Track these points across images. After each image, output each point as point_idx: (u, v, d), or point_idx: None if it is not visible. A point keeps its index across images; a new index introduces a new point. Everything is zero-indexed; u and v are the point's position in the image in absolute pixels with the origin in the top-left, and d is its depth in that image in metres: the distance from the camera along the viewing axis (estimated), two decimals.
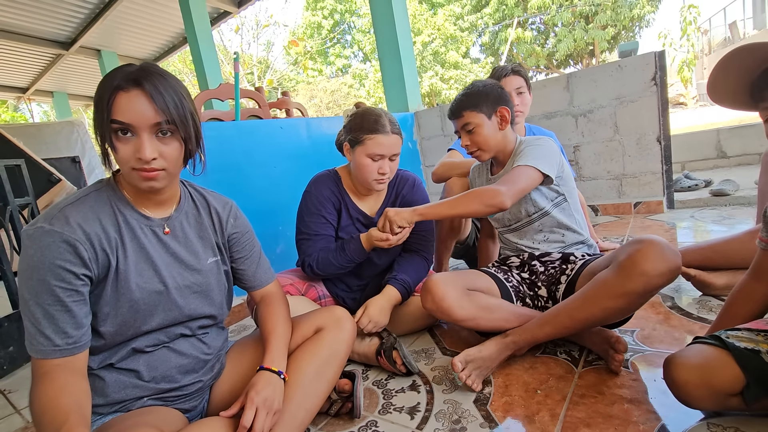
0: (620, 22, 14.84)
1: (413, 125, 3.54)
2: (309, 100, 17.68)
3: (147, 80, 0.75)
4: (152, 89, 0.75)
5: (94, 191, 0.83)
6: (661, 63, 2.46)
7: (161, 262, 0.86)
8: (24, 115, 14.88)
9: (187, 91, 0.83)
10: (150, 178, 0.78)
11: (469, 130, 1.35)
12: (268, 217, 2.24)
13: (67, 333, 0.74)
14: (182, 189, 0.95)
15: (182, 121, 0.79)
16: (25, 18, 5.48)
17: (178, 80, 0.82)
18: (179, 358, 0.90)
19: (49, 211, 0.76)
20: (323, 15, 18.95)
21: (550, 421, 0.96)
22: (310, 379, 0.96)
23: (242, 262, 1.04)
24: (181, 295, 0.89)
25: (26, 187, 2.01)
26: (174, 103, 0.77)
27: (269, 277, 1.10)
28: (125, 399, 0.84)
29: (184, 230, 0.92)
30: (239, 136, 2.15)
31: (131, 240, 0.83)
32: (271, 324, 1.00)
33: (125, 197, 0.85)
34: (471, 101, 1.34)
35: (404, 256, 1.51)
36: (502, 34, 16.63)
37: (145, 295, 0.83)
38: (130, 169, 0.77)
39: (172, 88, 0.78)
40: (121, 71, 0.76)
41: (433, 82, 16.95)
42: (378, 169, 1.36)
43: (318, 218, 1.43)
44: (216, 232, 0.98)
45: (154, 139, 0.77)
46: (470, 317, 1.19)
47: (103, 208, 0.82)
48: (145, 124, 0.75)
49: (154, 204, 0.88)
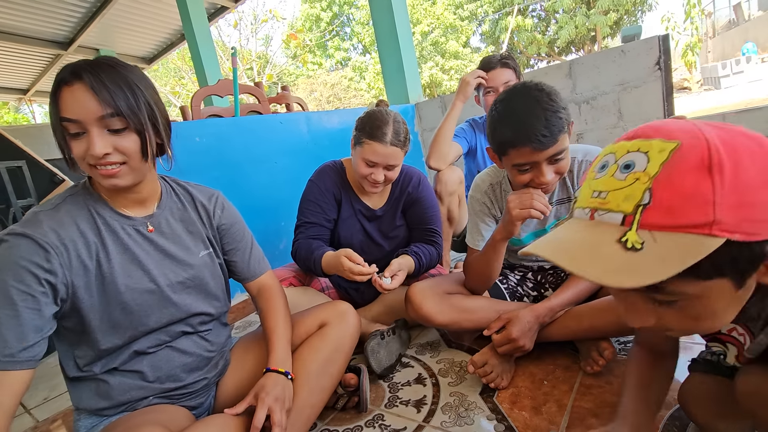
0: (622, 6, 14.64)
1: (414, 117, 3.52)
2: (309, 93, 17.63)
3: (89, 72, 0.71)
4: (93, 81, 0.70)
5: (70, 196, 0.81)
6: (665, 47, 2.42)
7: (150, 260, 0.85)
8: (26, 116, 14.92)
9: (146, 81, 0.79)
10: (110, 175, 0.75)
11: (558, 158, 0.98)
12: (270, 213, 2.24)
13: (6, 341, 0.67)
14: (163, 185, 0.93)
15: (132, 112, 0.74)
16: (23, 19, 5.46)
17: (135, 70, 0.78)
18: (183, 356, 0.89)
19: (24, 217, 0.75)
20: (321, 7, 18.78)
21: (557, 412, 0.96)
22: (316, 375, 0.96)
23: (234, 254, 1.02)
24: (174, 291, 0.87)
25: (28, 189, 2.02)
26: (123, 94, 0.72)
27: (263, 267, 1.07)
28: (131, 400, 0.84)
29: (170, 226, 0.90)
30: (239, 132, 2.14)
31: (114, 242, 0.81)
32: (272, 321, 0.98)
33: (102, 198, 0.82)
34: (563, 119, 0.95)
35: (415, 243, 1.49)
36: (502, 22, 16.47)
37: (136, 295, 0.81)
38: (89, 166, 0.74)
39: (122, 79, 0.73)
40: (68, 65, 0.72)
41: (434, 73, 16.82)
42: (370, 175, 1.32)
43: (314, 207, 1.43)
44: (205, 225, 0.96)
45: (105, 133, 0.73)
46: (452, 321, 1.21)
47: (80, 212, 0.79)
48: (90, 118, 0.71)
49: (133, 203, 0.85)
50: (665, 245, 0.40)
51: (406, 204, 1.50)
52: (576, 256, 0.45)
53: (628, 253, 0.41)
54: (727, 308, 0.48)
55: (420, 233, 1.50)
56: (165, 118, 0.83)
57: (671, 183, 0.41)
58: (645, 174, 0.43)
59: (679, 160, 0.41)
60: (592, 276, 0.42)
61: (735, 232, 0.39)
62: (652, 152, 0.43)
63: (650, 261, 0.40)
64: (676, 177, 0.41)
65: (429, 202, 1.51)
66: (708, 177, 0.40)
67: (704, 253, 0.39)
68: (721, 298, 0.46)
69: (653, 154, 0.43)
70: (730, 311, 0.48)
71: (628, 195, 0.43)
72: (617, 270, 0.41)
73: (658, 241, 0.40)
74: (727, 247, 0.39)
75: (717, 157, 0.40)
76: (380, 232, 1.51)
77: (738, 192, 0.39)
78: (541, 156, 0.96)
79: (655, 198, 0.41)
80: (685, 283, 0.43)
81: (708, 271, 0.41)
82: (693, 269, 0.40)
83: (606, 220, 0.45)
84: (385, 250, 1.51)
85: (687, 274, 0.40)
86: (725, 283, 0.44)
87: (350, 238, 1.47)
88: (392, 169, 1.34)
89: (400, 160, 1.35)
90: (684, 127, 0.44)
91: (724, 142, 0.41)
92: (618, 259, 0.42)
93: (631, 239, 0.42)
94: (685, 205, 0.40)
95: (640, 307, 0.50)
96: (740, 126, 0.44)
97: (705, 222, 0.39)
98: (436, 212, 1.53)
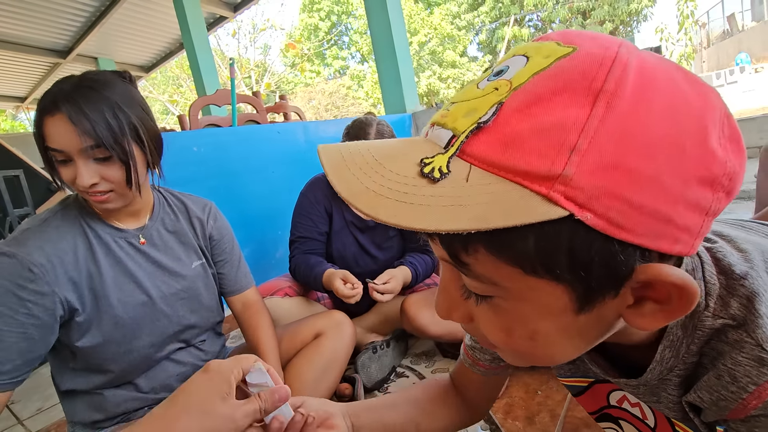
0: (618, 17, 14.84)
1: (411, 126, 3.54)
2: (307, 102, 17.71)
3: (69, 101, 0.68)
4: (72, 111, 0.68)
5: (60, 210, 0.80)
6: None
7: (142, 273, 0.84)
8: (23, 124, 14.93)
9: (132, 99, 0.76)
10: (100, 201, 0.75)
11: None
12: (267, 222, 2.24)
13: None
14: (156, 196, 0.92)
15: (116, 141, 0.71)
16: (22, 27, 5.50)
17: (119, 88, 0.74)
18: (177, 366, 0.90)
19: (11, 234, 0.74)
20: (320, 17, 18.96)
21: (550, 422, 0.96)
22: (310, 386, 0.97)
23: (223, 265, 1.02)
24: (167, 304, 0.86)
25: (25, 197, 2.02)
26: (104, 123, 0.70)
27: (249, 281, 1.07)
28: (125, 411, 0.84)
29: (162, 238, 0.90)
30: (236, 142, 2.15)
31: (105, 255, 0.80)
32: (260, 335, 0.97)
33: (94, 212, 0.82)
34: None
35: (410, 253, 1.50)
36: (499, 32, 16.63)
37: (128, 309, 0.81)
38: (78, 190, 0.74)
39: (104, 102, 0.71)
40: (52, 90, 0.70)
41: (431, 82, 16.95)
42: None
43: (306, 220, 1.44)
44: (198, 235, 0.96)
45: (90, 163, 0.71)
46: (446, 332, 1.24)
47: (71, 226, 0.78)
48: (74, 149, 0.70)
49: (125, 215, 0.85)
50: (475, 188, 0.26)
51: None
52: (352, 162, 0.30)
53: (421, 180, 0.27)
54: (555, 335, 0.31)
55: (414, 243, 1.51)
56: (154, 135, 0.81)
57: (531, 102, 0.26)
58: (508, 83, 0.28)
59: (559, 72, 0.26)
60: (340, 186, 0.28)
61: (587, 209, 0.24)
62: (535, 57, 0.29)
63: (440, 199, 0.26)
64: (544, 95, 0.26)
65: None
66: (587, 106, 0.25)
67: (523, 218, 0.24)
68: (549, 315, 0.30)
69: (535, 59, 0.28)
70: (562, 344, 0.32)
71: (473, 109, 0.28)
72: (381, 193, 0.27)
73: (472, 180, 0.26)
74: (571, 230, 0.25)
75: (617, 80, 0.25)
76: (374, 243, 1.51)
77: (621, 145, 0.24)
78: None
79: (498, 118, 0.27)
80: (499, 267, 0.28)
81: (532, 258, 0.26)
82: (511, 248, 0.26)
83: (433, 139, 0.30)
84: (379, 261, 1.51)
85: (502, 252, 0.27)
86: (559, 291, 0.28)
87: (343, 251, 1.48)
88: None
89: None
90: (603, 37, 0.29)
91: (644, 69, 0.26)
92: (399, 181, 0.28)
93: (435, 164, 0.27)
94: (532, 140, 0.25)
95: (451, 291, 0.35)
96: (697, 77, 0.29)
97: (545, 173, 0.24)
98: None
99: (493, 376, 0.61)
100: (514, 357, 0.36)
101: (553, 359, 0.34)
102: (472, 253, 0.28)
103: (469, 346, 0.61)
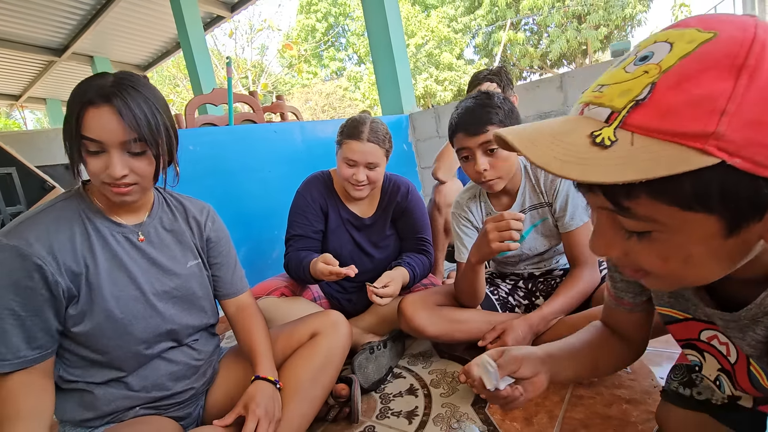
0: (612, 21, 14.92)
1: (408, 127, 3.54)
2: (304, 103, 17.69)
3: (118, 96, 0.72)
4: (122, 105, 0.72)
5: (62, 201, 0.81)
6: None
7: (137, 268, 0.85)
8: (17, 122, 14.80)
9: (163, 103, 0.81)
10: (122, 194, 0.77)
11: (492, 149, 1.10)
12: (264, 222, 2.23)
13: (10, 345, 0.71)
14: (156, 195, 0.94)
15: (153, 138, 0.76)
16: (17, 25, 5.45)
17: (155, 91, 0.80)
18: (169, 365, 0.89)
19: (9, 224, 0.75)
20: (317, 18, 18.95)
21: (548, 423, 0.96)
22: (306, 385, 0.96)
23: (218, 268, 1.02)
24: (160, 300, 0.87)
25: (18, 196, 2.00)
26: (146, 119, 0.75)
27: (244, 285, 1.07)
28: (116, 410, 0.83)
29: (159, 235, 0.90)
30: (233, 141, 2.14)
31: (103, 248, 0.81)
32: (255, 336, 0.98)
33: (96, 206, 0.83)
34: (497, 115, 1.09)
35: (407, 254, 1.49)
36: (495, 35, 16.70)
37: (121, 303, 0.81)
38: (101, 182, 0.76)
39: (145, 103, 0.75)
40: (93, 84, 0.73)
41: (428, 84, 16.98)
42: (352, 176, 1.33)
43: (301, 219, 1.44)
44: (195, 236, 0.97)
45: (124, 155, 0.75)
46: (443, 332, 1.22)
47: (70, 218, 0.80)
48: (114, 141, 0.73)
49: (126, 211, 0.86)
50: (639, 150, 0.33)
51: (396, 213, 1.51)
52: (535, 140, 0.38)
53: (594, 148, 0.34)
54: (706, 258, 0.38)
55: (411, 243, 1.51)
56: (176, 136, 0.85)
57: (682, 80, 0.32)
58: (657, 67, 0.34)
59: (704, 54, 0.32)
60: (535, 158, 0.36)
61: (737, 156, 0.31)
62: (678, 43, 0.34)
63: (612, 160, 0.33)
64: (693, 74, 0.32)
65: (419, 211, 1.52)
66: (732, 78, 0.31)
67: (682, 168, 0.31)
68: (702, 241, 0.36)
69: (679, 45, 0.34)
70: (711, 265, 0.39)
71: (627, 90, 0.35)
72: (567, 160, 0.35)
73: (636, 144, 0.33)
74: (722, 173, 0.31)
75: (758, 54, 0.31)
76: (370, 241, 1.51)
77: (763, 106, 0.31)
78: (472, 142, 1.10)
79: (654, 95, 0.33)
80: (659, 207, 0.35)
81: (689, 197, 0.33)
82: (670, 191, 0.33)
83: (592, 116, 0.37)
84: (376, 260, 1.51)
85: (662, 195, 0.33)
86: (711, 221, 0.34)
87: (340, 249, 1.47)
88: (374, 168, 1.35)
89: (381, 159, 1.36)
90: (738, 19, 0.34)
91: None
92: (577, 150, 0.35)
93: (604, 134, 0.35)
94: (687, 109, 0.32)
95: (608, 232, 0.42)
96: None
97: (701, 132, 0.31)
98: (426, 221, 1.54)
99: (637, 312, 0.71)
100: (664, 282, 0.43)
101: (704, 279, 0.41)
102: (634, 198, 0.35)
103: (611, 287, 0.71)
